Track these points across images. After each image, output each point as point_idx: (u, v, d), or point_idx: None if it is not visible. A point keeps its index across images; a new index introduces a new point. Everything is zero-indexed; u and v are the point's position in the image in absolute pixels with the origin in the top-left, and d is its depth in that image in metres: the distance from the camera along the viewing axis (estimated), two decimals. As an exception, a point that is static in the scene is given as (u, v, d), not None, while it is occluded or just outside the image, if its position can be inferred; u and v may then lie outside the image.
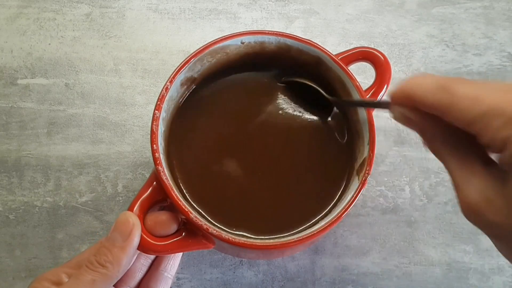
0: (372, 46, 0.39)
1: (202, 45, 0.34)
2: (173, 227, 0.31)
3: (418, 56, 0.46)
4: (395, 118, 0.27)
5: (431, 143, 0.26)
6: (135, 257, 0.33)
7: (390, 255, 0.41)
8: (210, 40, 0.34)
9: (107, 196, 0.41)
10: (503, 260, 0.40)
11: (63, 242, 0.40)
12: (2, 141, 0.42)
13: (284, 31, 0.35)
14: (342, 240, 0.41)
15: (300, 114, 0.37)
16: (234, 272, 0.40)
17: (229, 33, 0.34)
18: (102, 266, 0.29)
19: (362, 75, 0.44)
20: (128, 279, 0.34)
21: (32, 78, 0.44)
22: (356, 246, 0.41)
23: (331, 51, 0.35)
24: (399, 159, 0.43)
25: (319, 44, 0.35)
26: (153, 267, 0.35)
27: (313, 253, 0.40)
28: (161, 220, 0.31)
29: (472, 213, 0.23)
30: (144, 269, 0.35)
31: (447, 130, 0.24)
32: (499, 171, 0.23)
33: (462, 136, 0.24)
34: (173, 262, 0.36)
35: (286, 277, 0.40)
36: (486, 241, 0.41)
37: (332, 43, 0.46)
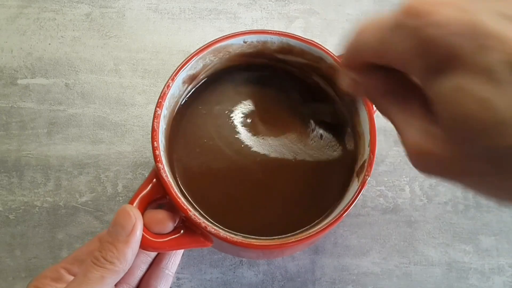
0: (372, 46, 0.39)
1: (204, 44, 0.34)
2: (169, 226, 0.31)
3: (418, 57, 0.46)
4: (345, 87, 0.28)
5: (376, 100, 0.26)
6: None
7: (390, 255, 0.41)
8: (213, 39, 0.34)
9: (107, 196, 0.41)
10: (503, 260, 0.40)
11: (63, 242, 0.40)
12: (2, 141, 0.42)
13: (285, 31, 0.35)
14: (342, 240, 0.41)
15: (302, 114, 0.37)
16: (234, 272, 0.40)
17: (232, 32, 0.34)
18: (109, 262, 0.29)
19: (362, 75, 0.44)
20: (128, 277, 0.34)
21: (32, 78, 0.44)
22: (356, 246, 0.41)
23: (332, 51, 0.35)
24: (399, 159, 0.43)
25: (321, 44, 0.35)
26: (154, 265, 0.35)
27: (313, 253, 0.40)
28: (158, 218, 0.31)
29: (416, 154, 0.23)
30: (144, 266, 0.35)
31: (388, 83, 0.25)
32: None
33: (403, 87, 0.25)
34: (174, 260, 0.36)
35: (286, 277, 0.40)
36: (486, 241, 0.41)
37: (332, 43, 0.46)
